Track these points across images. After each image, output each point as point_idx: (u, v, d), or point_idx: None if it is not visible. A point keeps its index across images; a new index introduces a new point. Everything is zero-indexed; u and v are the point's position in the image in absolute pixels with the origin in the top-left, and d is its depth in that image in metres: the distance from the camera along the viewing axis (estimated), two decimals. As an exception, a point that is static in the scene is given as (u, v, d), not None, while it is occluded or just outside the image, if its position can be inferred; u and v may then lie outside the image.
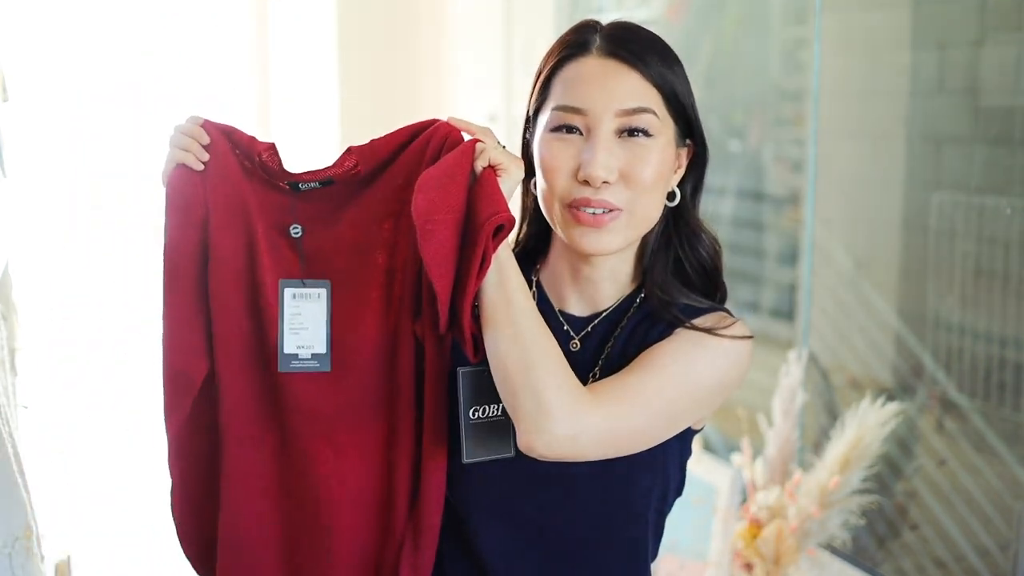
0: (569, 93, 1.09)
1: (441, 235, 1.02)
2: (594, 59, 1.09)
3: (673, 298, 1.14)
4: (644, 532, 1.15)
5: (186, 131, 1.13)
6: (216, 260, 1.13)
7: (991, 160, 1.99)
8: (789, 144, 2.66)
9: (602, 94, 1.07)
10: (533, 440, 0.99)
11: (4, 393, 1.38)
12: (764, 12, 2.71)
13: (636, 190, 1.08)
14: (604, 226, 1.08)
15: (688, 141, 1.15)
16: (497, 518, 1.14)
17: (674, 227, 1.16)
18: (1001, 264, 1.96)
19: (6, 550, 1.24)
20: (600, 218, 1.07)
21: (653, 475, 1.12)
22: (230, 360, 1.14)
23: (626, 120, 1.07)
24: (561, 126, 1.09)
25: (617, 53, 1.08)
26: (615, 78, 1.07)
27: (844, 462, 2.04)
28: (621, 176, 1.07)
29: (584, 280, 1.17)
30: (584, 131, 1.08)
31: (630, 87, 1.07)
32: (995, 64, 1.98)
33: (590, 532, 1.13)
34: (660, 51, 1.10)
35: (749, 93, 2.80)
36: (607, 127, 1.07)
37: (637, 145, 1.07)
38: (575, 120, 1.08)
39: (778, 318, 2.74)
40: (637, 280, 1.18)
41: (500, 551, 1.14)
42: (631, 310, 1.16)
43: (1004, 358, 1.98)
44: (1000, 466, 1.99)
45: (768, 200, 2.73)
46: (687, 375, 1.07)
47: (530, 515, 1.13)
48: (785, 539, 2.05)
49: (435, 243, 1.02)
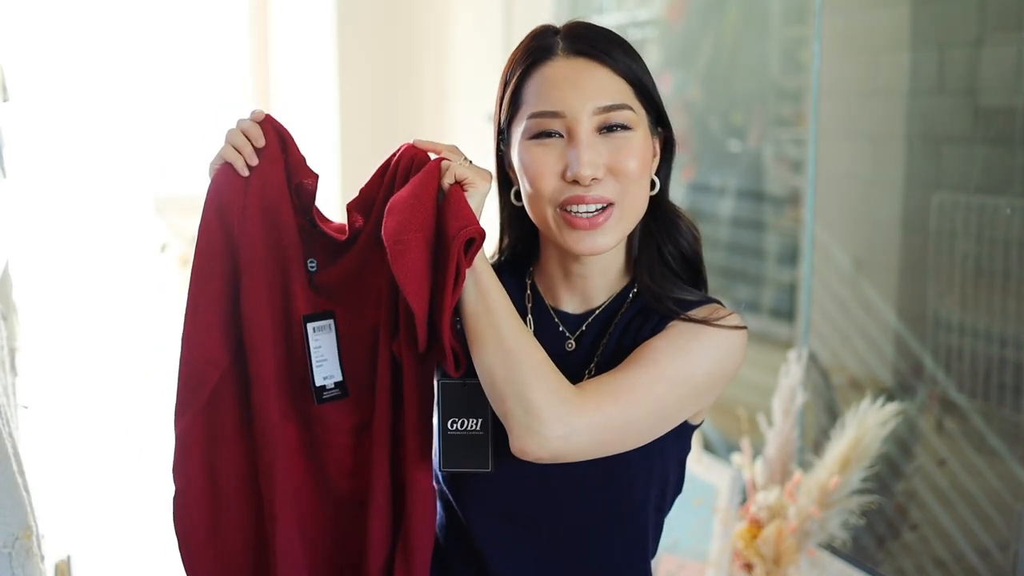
0: (543, 99, 1.09)
1: (412, 254, 1.04)
2: (561, 60, 1.10)
3: (664, 289, 1.14)
4: (643, 529, 1.15)
5: (244, 129, 1.12)
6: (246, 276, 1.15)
7: (991, 160, 1.99)
8: (789, 144, 2.66)
9: (576, 94, 1.07)
10: (525, 444, 0.99)
11: (4, 393, 1.38)
12: (764, 12, 2.71)
13: (624, 183, 1.09)
14: (599, 227, 1.08)
15: (660, 129, 1.15)
16: (495, 514, 1.14)
17: (652, 217, 1.17)
18: (1001, 264, 1.96)
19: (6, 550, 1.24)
20: (595, 219, 1.08)
21: (650, 472, 1.12)
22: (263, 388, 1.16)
23: (604, 117, 1.08)
24: (540, 132, 1.09)
25: (583, 51, 1.09)
26: (586, 76, 1.08)
27: (844, 462, 2.04)
28: (608, 171, 1.08)
29: (576, 278, 1.17)
30: (565, 133, 1.08)
31: (603, 84, 1.08)
32: (995, 64, 1.98)
33: (588, 528, 1.13)
34: (622, 44, 1.11)
35: (749, 93, 2.80)
36: (587, 126, 1.07)
37: (619, 139, 1.08)
38: (553, 124, 1.09)
39: (778, 318, 2.74)
40: (628, 275, 1.19)
41: (499, 547, 1.14)
42: (624, 305, 1.16)
43: (1004, 358, 1.98)
44: (1000, 466, 1.99)
45: (768, 200, 2.72)
46: (679, 369, 1.07)
47: (527, 511, 1.13)
48: (785, 539, 2.04)
49: (406, 261, 1.03)
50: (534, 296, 1.20)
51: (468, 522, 1.15)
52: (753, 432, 2.32)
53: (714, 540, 2.29)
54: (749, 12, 2.76)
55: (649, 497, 1.14)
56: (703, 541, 2.31)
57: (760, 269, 2.78)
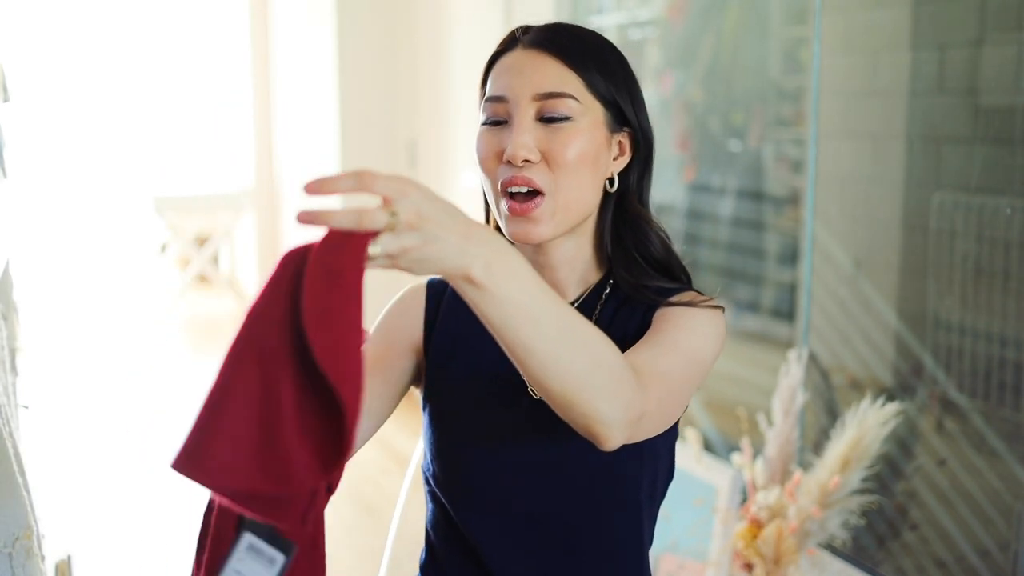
0: (494, 85, 1.12)
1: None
2: (519, 51, 1.12)
3: (641, 280, 1.14)
4: (636, 520, 1.15)
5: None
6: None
7: (991, 160, 1.99)
8: (789, 144, 2.67)
9: (520, 80, 1.09)
10: (610, 440, 0.92)
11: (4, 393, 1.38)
12: (764, 12, 2.72)
13: (558, 172, 1.09)
14: (529, 214, 1.09)
15: (626, 129, 1.15)
16: (488, 505, 1.14)
17: (621, 219, 1.17)
18: (1001, 264, 1.97)
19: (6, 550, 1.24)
20: (526, 205, 1.08)
21: (641, 459, 1.13)
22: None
23: (543, 104, 1.09)
24: (489, 118, 1.12)
25: (539, 43, 1.11)
26: (533, 65, 1.10)
27: (844, 462, 2.04)
28: (544, 157, 1.09)
29: (543, 268, 1.17)
30: (508, 119, 1.10)
31: (547, 73, 1.09)
32: (995, 64, 1.98)
33: (580, 519, 1.13)
34: (590, 42, 1.12)
35: (749, 93, 2.81)
36: (526, 111, 1.09)
37: (557, 128, 1.09)
38: (499, 110, 1.11)
39: (778, 318, 2.74)
40: (602, 269, 1.19)
41: (492, 538, 1.14)
42: (602, 297, 1.17)
43: (1004, 358, 1.98)
44: (1000, 466, 1.99)
45: (768, 200, 2.73)
46: (691, 349, 1.07)
47: (519, 502, 1.13)
48: (785, 539, 2.05)
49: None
50: None
51: (461, 519, 1.15)
52: (753, 432, 2.32)
53: (714, 540, 2.29)
54: (749, 12, 2.76)
55: (641, 485, 1.14)
56: (703, 541, 2.31)
57: (760, 269, 2.78)
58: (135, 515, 3.22)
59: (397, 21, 4.45)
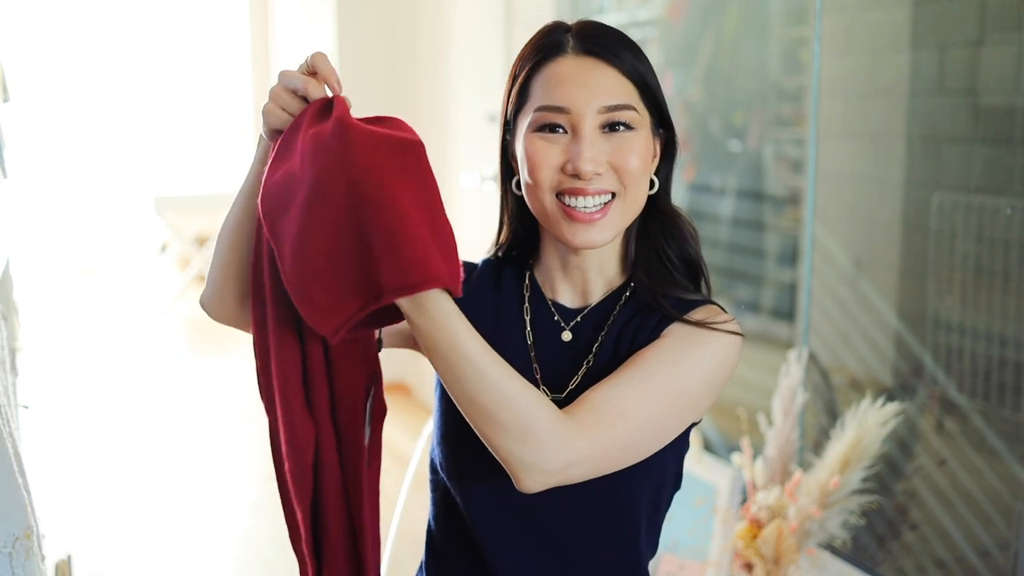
0: (551, 93, 1.11)
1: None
2: (571, 58, 1.12)
3: (662, 287, 1.15)
4: (635, 526, 1.15)
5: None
6: None
7: (991, 160, 1.99)
8: (789, 144, 2.67)
9: (583, 92, 1.09)
10: (525, 481, 0.99)
11: (4, 393, 1.38)
12: (764, 12, 2.72)
13: (626, 180, 1.10)
14: (596, 222, 1.10)
15: (661, 131, 1.16)
16: (495, 504, 1.15)
17: (652, 217, 1.17)
18: (1001, 264, 1.97)
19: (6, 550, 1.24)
20: (593, 215, 1.09)
21: (645, 469, 1.13)
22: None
23: (608, 116, 1.10)
24: (545, 125, 1.11)
25: (592, 50, 1.12)
26: (594, 75, 1.10)
27: (844, 462, 2.04)
28: (610, 168, 1.10)
29: (574, 270, 1.18)
30: (568, 129, 1.10)
31: (609, 83, 1.10)
32: (995, 64, 1.98)
33: (580, 523, 1.14)
34: (629, 45, 1.14)
35: (749, 93, 2.81)
36: (591, 123, 1.09)
37: (621, 138, 1.10)
38: (559, 119, 1.10)
39: (778, 318, 2.74)
40: (625, 273, 1.20)
41: (496, 537, 1.15)
42: (622, 300, 1.17)
43: (1004, 358, 1.98)
44: (1000, 466, 1.99)
45: (768, 200, 2.73)
46: (674, 383, 1.06)
47: (522, 504, 1.13)
48: (785, 539, 2.05)
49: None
50: (532, 286, 1.21)
51: (468, 512, 1.15)
52: (753, 432, 2.32)
53: (714, 540, 2.29)
54: (749, 12, 2.76)
55: (643, 493, 1.14)
56: (703, 541, 2.31)
57: (760, 269, 2.78)
58: (135, 515, 3.22)
59: (397, 21, 4.45)
